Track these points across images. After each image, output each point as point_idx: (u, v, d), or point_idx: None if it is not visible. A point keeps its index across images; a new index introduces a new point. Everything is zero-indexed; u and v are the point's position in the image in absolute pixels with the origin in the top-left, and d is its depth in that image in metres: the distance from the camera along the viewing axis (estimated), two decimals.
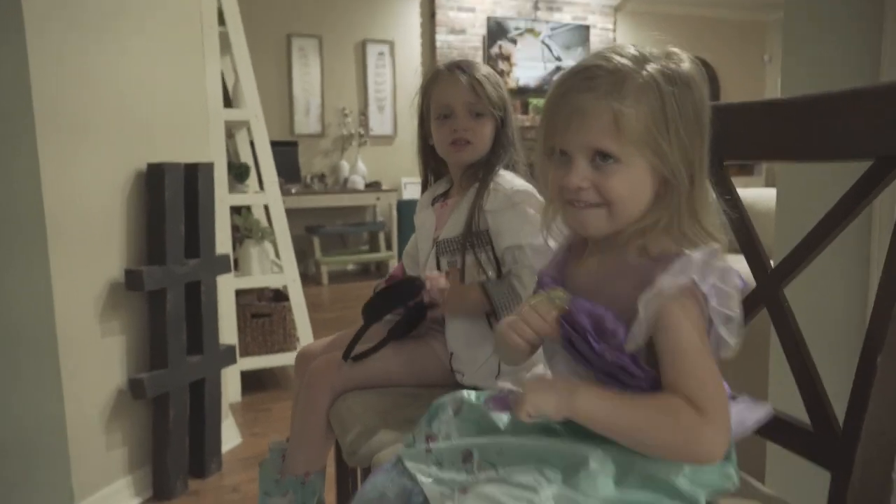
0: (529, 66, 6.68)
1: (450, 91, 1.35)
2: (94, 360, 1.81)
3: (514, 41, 6.57)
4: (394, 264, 5.80)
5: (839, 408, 0.79)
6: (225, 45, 2.85)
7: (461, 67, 1.36)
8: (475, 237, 1.31)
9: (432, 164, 1.49)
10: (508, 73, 6.57)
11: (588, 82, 0.70)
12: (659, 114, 0.69)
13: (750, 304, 0.86)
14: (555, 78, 0.75)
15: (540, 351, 0.82)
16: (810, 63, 1.34)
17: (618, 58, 0.71)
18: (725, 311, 0.68)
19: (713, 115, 0.74)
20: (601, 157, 0.71)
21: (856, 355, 0.75)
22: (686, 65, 0.73)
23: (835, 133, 0.81)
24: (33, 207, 1.65)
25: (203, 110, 2.28)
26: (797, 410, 0.85)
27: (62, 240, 1.70)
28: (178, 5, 2.13)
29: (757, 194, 1.85)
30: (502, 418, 0.78)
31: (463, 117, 1.34)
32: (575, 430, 0.74)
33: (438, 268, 1.36)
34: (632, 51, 0.72)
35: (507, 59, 6.56)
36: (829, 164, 1.04)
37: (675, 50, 0.74)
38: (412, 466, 0.76)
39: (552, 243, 0.84)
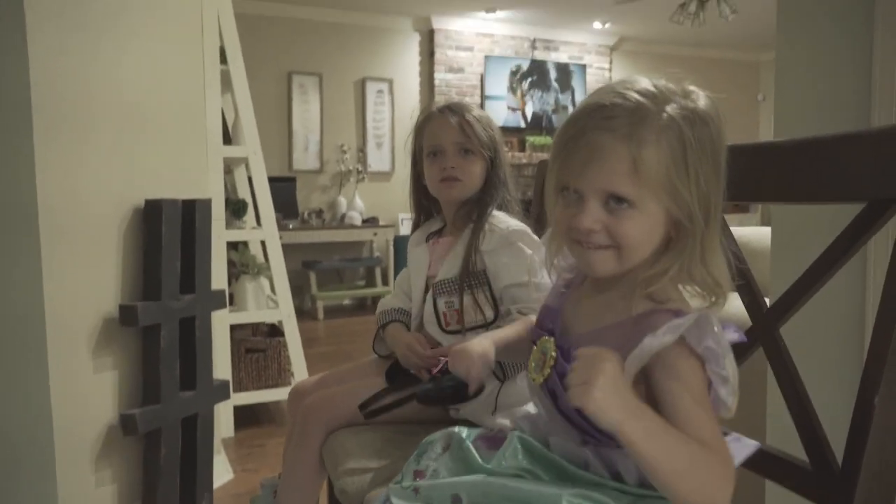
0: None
1: (440, 130, 1.38)
2: (85, 395, 1.79)
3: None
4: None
5: (838, 445, 0.78)
6: (226, 82, 2.88)
7: (452, 109, 1.39)
8: (472, 278, 1.32)
9: (424, 204, 1.50)
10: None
11: (606, 122, 0.68)
12: (679, 157, 0.68)
13: (746, 343, 0.86)
14: (570, 113, 0.74)
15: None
16: (802, 103, 1.36)
17: (636, 95, 0.69)
18: (721, 371, 0.67)
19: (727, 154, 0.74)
20: (615, 200, 0.69)
21: (853, 393, 0.75)
22: (703, 102, 0.71)
23: (827, 176, 0.81)
24: (29, 240, 1.65)
25: (202, 147, 2.29)
26: (795, 448, 0.84)
27: (57, 274, 1.69)
28: (181, 43, 2.16)
29: (752, 232, 1.86)
30: (489, 459, 0.77)
31: (452, 155, 1.36)
32: (558, 475, 0.73)
33: (435, 308, 1.36)
34: (649, 86, 0.70)
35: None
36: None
37: (692, 87, 0.72)
38: None
39: (554, 277, 0.84)
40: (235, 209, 2.98)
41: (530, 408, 1.23)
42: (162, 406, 1.91)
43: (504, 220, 1.34)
